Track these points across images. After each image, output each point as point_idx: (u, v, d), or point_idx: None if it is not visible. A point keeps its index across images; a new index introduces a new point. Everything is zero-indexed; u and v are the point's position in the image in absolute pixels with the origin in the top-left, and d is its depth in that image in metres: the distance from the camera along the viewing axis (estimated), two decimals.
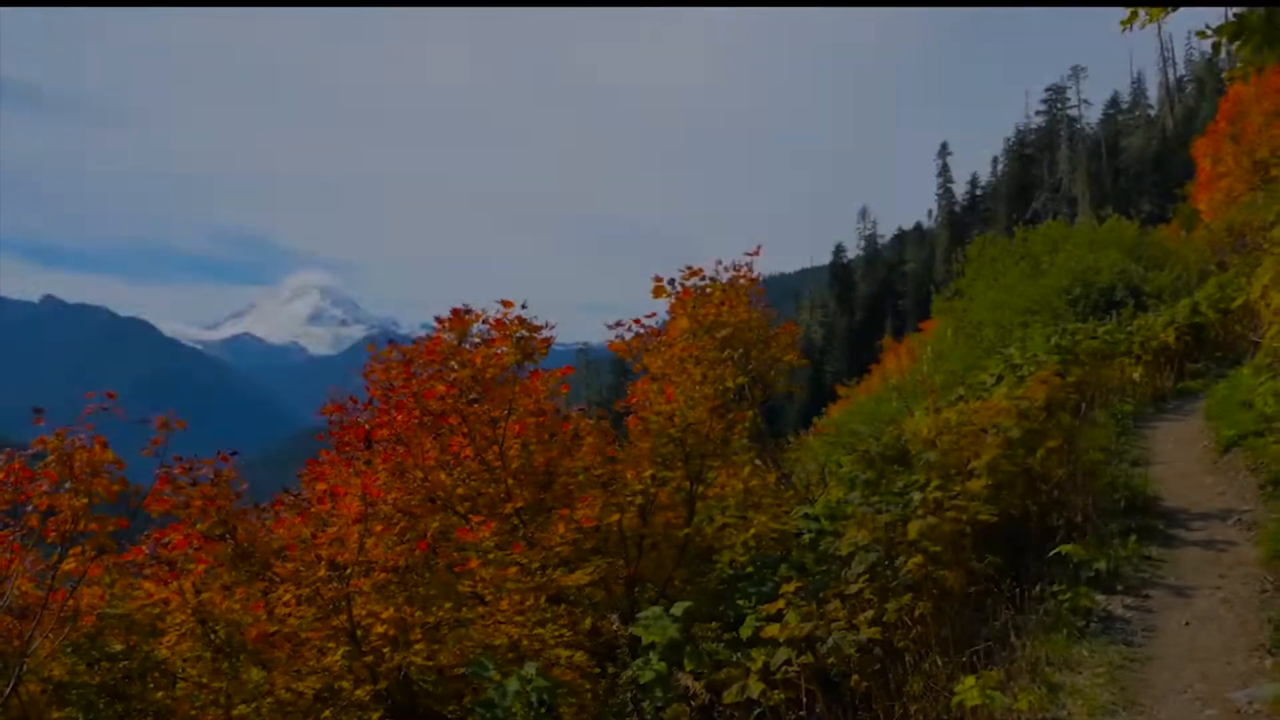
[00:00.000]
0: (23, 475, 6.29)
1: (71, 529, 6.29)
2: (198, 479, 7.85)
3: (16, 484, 6.29)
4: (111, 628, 7.18)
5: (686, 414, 8.66)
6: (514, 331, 8.84)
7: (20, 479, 6.29)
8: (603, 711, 7.10)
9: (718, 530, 9.14)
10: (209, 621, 7.14)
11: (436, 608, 7.53)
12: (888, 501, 7.85)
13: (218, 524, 7.86)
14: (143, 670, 7.20)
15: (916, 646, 6.31)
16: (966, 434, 8.51)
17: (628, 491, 8.30)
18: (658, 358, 11.28)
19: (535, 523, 8.51)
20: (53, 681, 6.85)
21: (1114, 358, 16.31)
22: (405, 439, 8.86)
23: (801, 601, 6.37)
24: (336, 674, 7.30)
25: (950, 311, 28.67)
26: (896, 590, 6.67)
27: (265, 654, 7.18)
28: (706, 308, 11.97)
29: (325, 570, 7.26)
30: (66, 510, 6.25)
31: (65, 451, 6.26)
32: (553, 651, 7.40)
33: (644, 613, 6.90)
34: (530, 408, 9.08)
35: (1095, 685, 5.82)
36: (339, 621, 7.26)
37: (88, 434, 6.36)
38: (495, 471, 8.73)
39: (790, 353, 12.80)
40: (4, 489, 6.28)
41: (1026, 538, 8.17)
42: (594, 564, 7.91)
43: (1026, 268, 25.36)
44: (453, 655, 7.42)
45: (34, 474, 6.29)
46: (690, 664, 6.38)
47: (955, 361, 23.83)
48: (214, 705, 7.09)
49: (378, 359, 9.45)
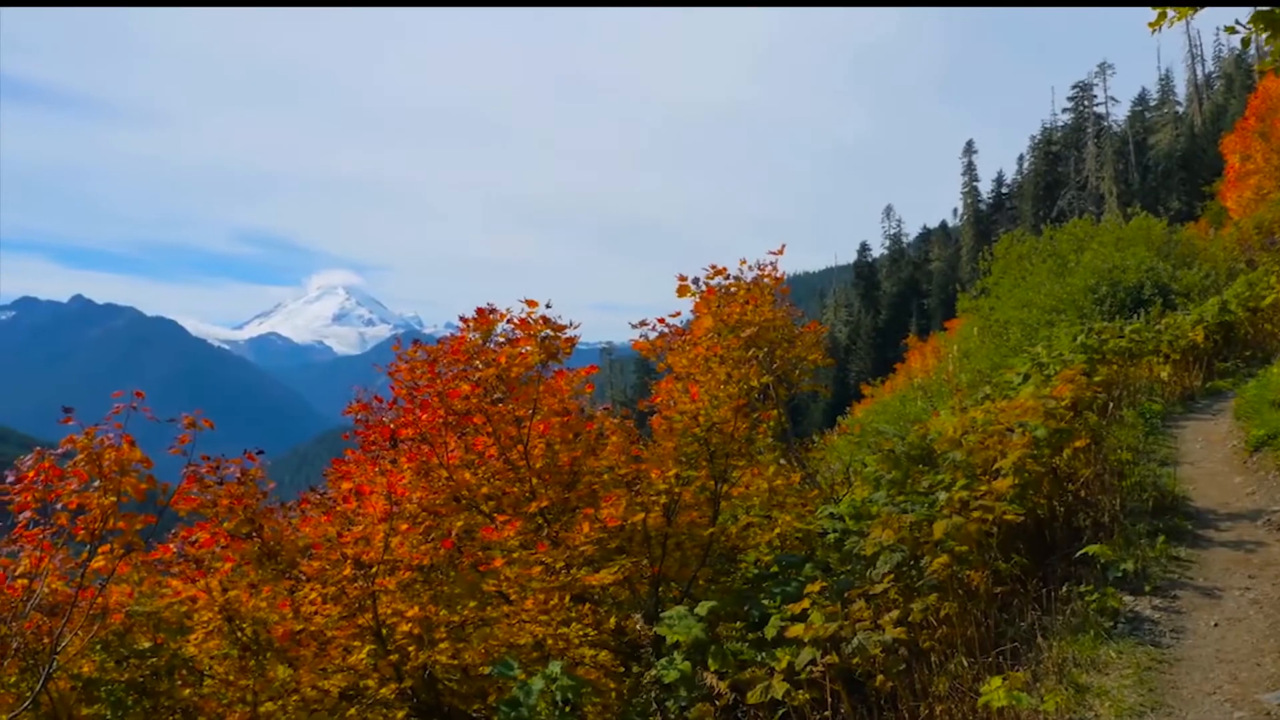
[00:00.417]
0: (52, 474, 6.35)
1: (100, 527, 6.34)
2: (225, 478, 7.90)
3: (46, 482, 6.34)
4: (140, 625, 7.23)
5: (711, 413, 8.65)
6: (538, 331, 8.86)
7: (50, 477, 6.34)
8: (627, 710, 7.10)
9: (742, 530, 9.13)
10: (236, 619, 7.18)
11: (461, 606, 7.55)
12: (913, 501, 7.81)
13: (244, 522, 7.91)
14: (170, 667, 7.25)
15: (942, 647, 6.28)
16: (992, 433, 8.46)
17: (652, 491, 8.30)
18: (682, 357, 11.29)
19: (560, 522, 8.53)
20: (82, 678, 6.91)
21: (1142, 357, 16.18)
22: (430, 438, 8.89)
23: (826, 601, 6.36)
24: (362, 672, 7.33)
25: (976, 310, 28.51)
26: (922, 590, 6.64)
27: (291, 652, 7.22)
28: (731, 307, 11.97)
29: (351, 569, 7.29)
30: (95, 508, 6.30)
31: (94, 450, 6.31)
32: (577, 650, 7.41)
33: (668, 612, 6.90)
34: (555, 407, 9.10)
35: (1123, 687, 5.78)
36: (364, 620, 7.29)
37: (116, 433, 6.41)
38: (520, 471, 8.75)
39: (815, 352, 12.78)
40: (34, 487, 6.34)
41: (1053, 538, 8.11)
42: (618, 563, 7.91)
43: (1053, 266, 25.19)
44: (477, 654, 7.44)
45: (63, 472, 6.34)
46: (714, 663, 6.38)
47: (981, 360, 23.71)
48: (240, 703, 7.13)
49: (403, 358, 9.49)
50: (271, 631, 7.19)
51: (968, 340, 27.56)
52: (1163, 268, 22.51)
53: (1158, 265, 22.61)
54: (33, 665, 6.53)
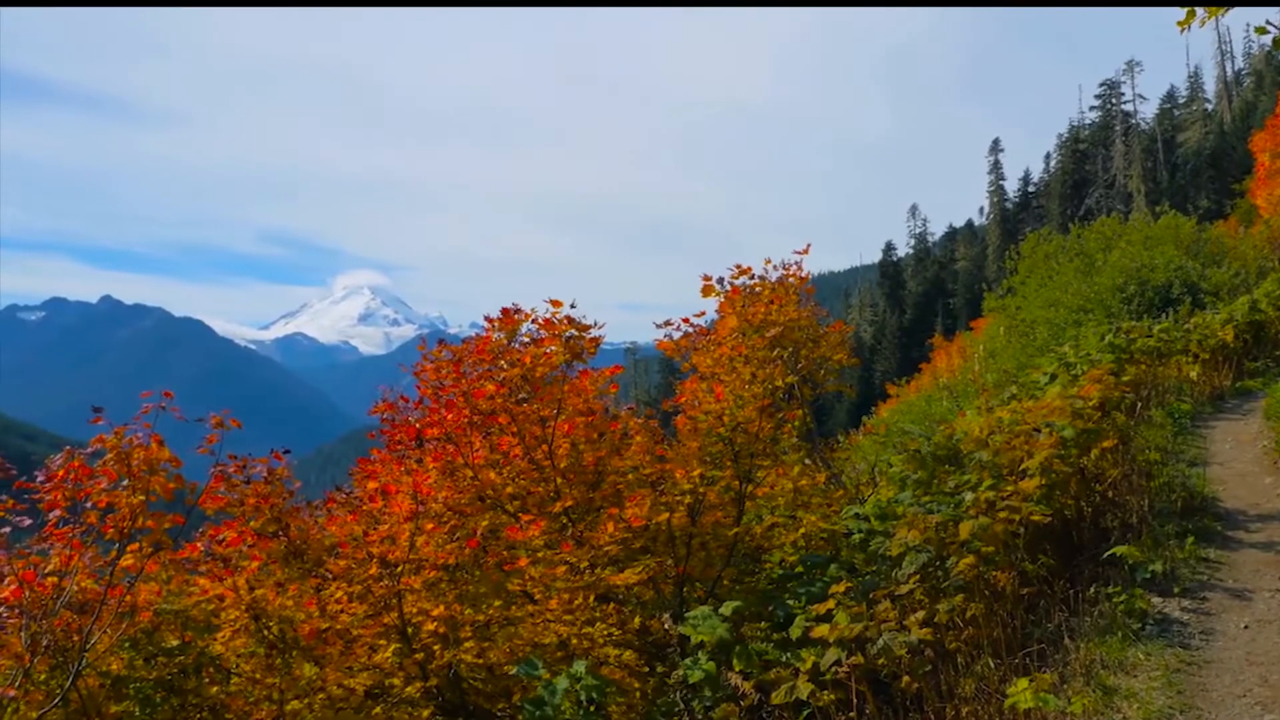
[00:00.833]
0: (82, 473, 6.40)
1: (129, 526, 6.39)
2: (252, 477, 7.95)
3: (76, 481, 6.40)
4: (168, 623, 7.28)
5: (735, 413, 8.64)
6: (563, 331, 8.87)
7: (80, 476, 6.40)
8: (651, 710, 7.10)
9: (767, 530, 9.12)
10: (262, 618, 7.22)
11: (486, 606, 7.57)
12: (939, 501, 7.78)
13: (271, 521, 7.95)
14: (198, 665, 7.30)
15: (968, 648, 6.25)
16: (1019, 434, 8.41)
17: (676, 491, 8.30)
18: (706, 357, 11.28)
19: (584, 522, 8.54)
20: (111, 676, 6.96)
21: (1170, 356, 16.05)
22: (455, 438, 8.92)
23: (851, 602, 6.33)
24: (387, 671, 7.36)
25: (1002, 310, 28.35)
26: (948, 591, 6.61)
27: (318, 650, 7.26)
28: (755, 307, 11.95)
29: (376, 568, 7.32)
30: (124, 507, 6.35)
31: (123, 450, 6.36)
32: (601, 650, 7.42)
33: (693, 612, 6.90)
34: (579, 407, 9.11)
35: (1151, 689, 5.73)
36: (390, 619, 7.32)
37: (145, 432, 6.46)
38: (544, 470, 8.76)
39: (840, 352, 12.75)
40: (64, 486, 6.40)
41: (1080, 539, 8.06)
42: (643, 563, 7.91)
43: (1080, 265, 25.02)
44: (502, 653, 7.46)
45: (93, 472, 6.40)
46: (739, 664, 6.37)
47: (1007, 360, 23.58)
48: (267, 701, 7.17)
49: (428, 358, 9.52)
50: (298, 630, 7.23)
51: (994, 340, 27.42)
52: (1192, 266, 22.32)
53: (1186, 264, 22.43)
54: (62, 662, 6.59)
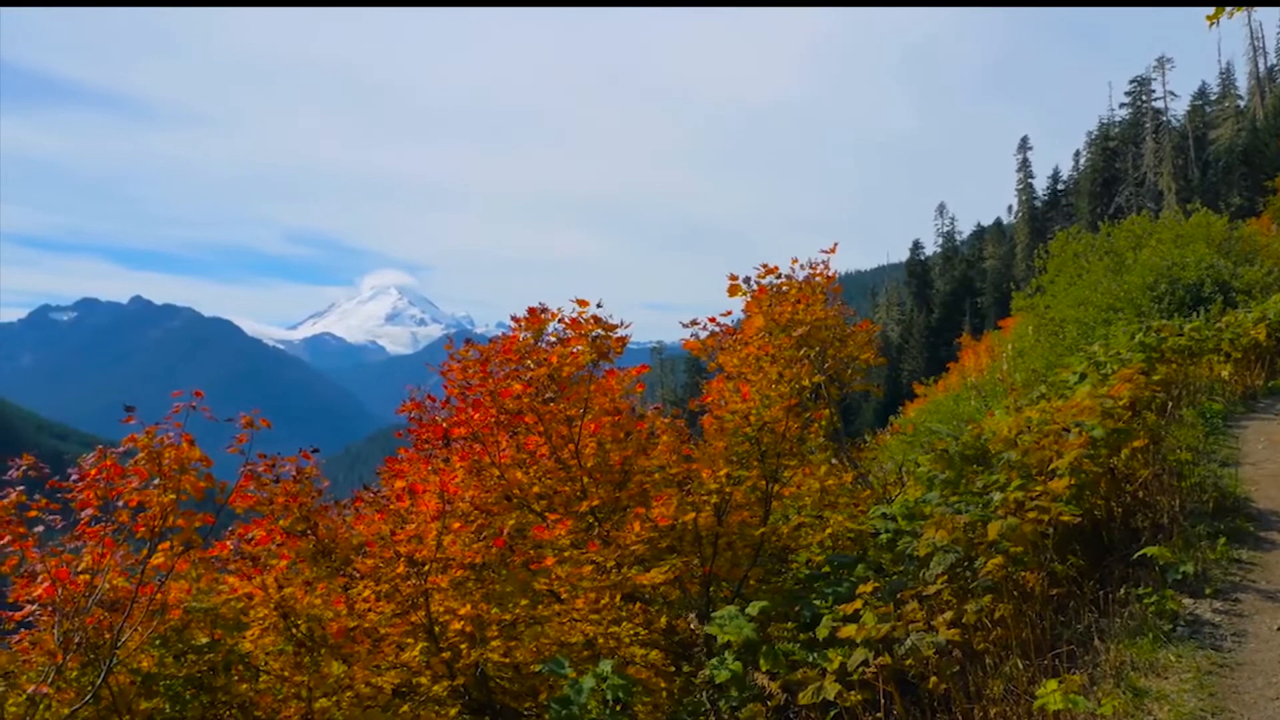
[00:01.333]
0: (114, 472, 6.46)
1: (160, 524, 6.45)
2: (280, 476, 7.99)
3: (108, 480, 6.46)
4: (197, 621, 7.33)
5: (762, 413, 8.63)
6: (589, 330, 8.88)
7: (112, 475, 6.46)
8: (677, 710, 7.10)
9: (793, 530, 9.10)
10: (291, 616, 7.26)
11: (513, 605, 7.59)
12: (967, 502, 7.74)
13: (300, 520, 8.00)
14: (227, 663, 7.35)
15: (996, 649, 6.22)
16: (1048, 433, 8.35)
17: (703, 490, 8.29)
18: (733, 356, 11.26)
19: (610, 521, 8.55)
20: (141, 673, 7.02)
21: (1202, 355, 15.89)
22: (482, 437, 8.95)
23: (878, 602, 6.31)
24: (415, 669, 7.40)
25: (1031, 309, 28.14)
26: (976, 592, 6.57)
27: (345, 649, 7.29)
28: (782, 306, 11.93)
29: (404, 567, 7.35)
30: (155, 506, 6.41)
31: (154, 449, 6.42)
32: (628, 650, 7.42)
33: (719, 612, 6.89)
34: (606, 406, 9.13)
35: (1183, 691, 5.68)
36: (417, 617, 7.35)
37: (176, 432, 6.51)
38: (571, 470, 8.78)
39: (867, 351, 12.72)
40: (96, 485, 6.46)
41: (1110, 539, 8.00)
42: (669, 563, 7.92)
43: (1110, 264, 24.81)
44: (529, 652, 7.47)
45: (125, 471, 6.46)
46: (765, 664, 6.36)
47: (1036, 359, 23.43)
48: (296, 698, 7.21)
49: (455, 357, 9.55)
50: (326, 628, 7.27)
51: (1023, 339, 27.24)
52: (1223, 265, 22.10)
53: (1218, 262, 22.21)
54: (94, 660, 6.65)
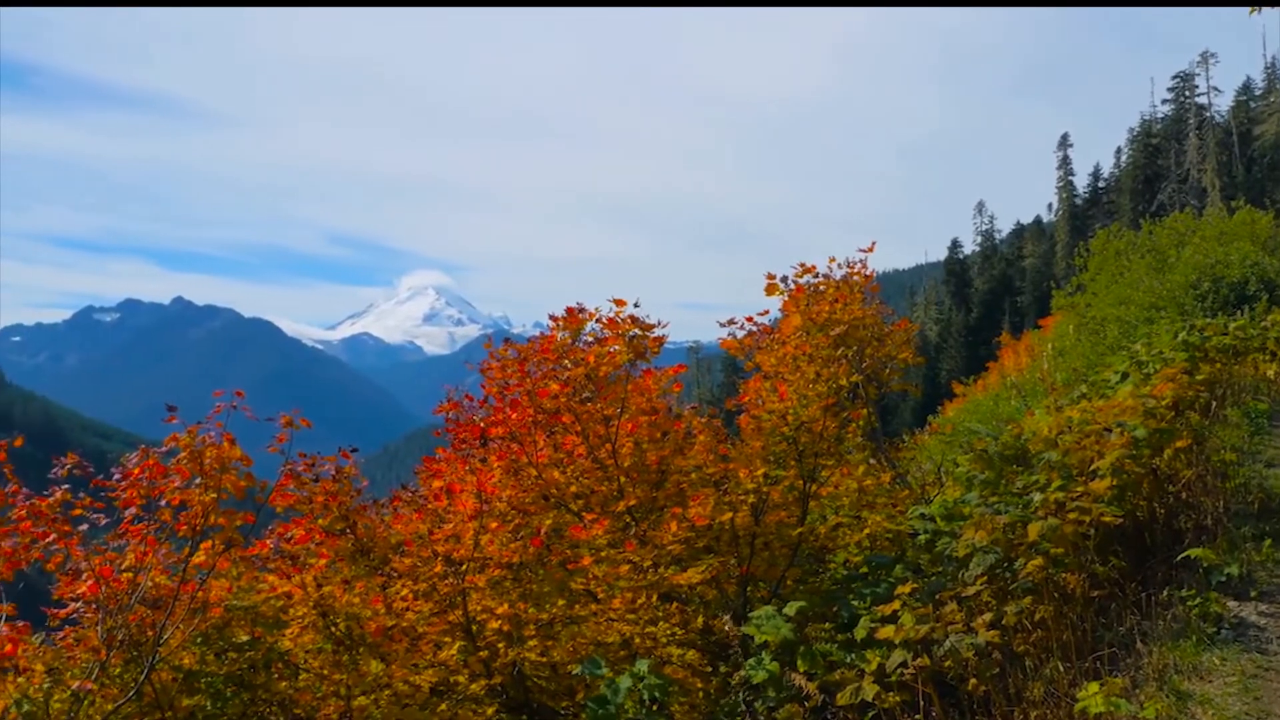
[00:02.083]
0: (157, 471, 6.54)
1: (202, 523, 6.51)
2: (320, 475, 8.05)
3: (151, 479, 6.53)
4: (238, 619, 7.40)
5: (800, 412, 8.59)
6: (626, 330, 8.88)
7: (154, 474, 6.53)
8: (714, 710, 7.09)
9: (831, 530, 9.06)
10: (330, 614, 7.31)
11: (550, 604, 7.60)
12: (1006, 502, 7.67)
13: (339, 519, 8.05)
14: (267, 661, 7.41)
15: (1037, 651, 6.15)
16: (1089, 433, 8.26)
17: (740, 490, 8.27)
18: (770, 355, 11.23)
19: (647, 521, 8.55)
20: (183, 670, 7.10)
21: (1246, 354, 15.66)
22: (520, 437, 8.97)
23: (917, 603, 6.27)
24: (452, 668, 7.43)
25: (1072, 307, 27.85)
26: (1016, 593, 6.51)
27: (384, 647, 7.33)
28: (820, 305, 11.88)
29: (441, 566, 7.39)
30: (197, 505, 6.47)
31: (196, 448, 6.48)
32: (664, 649, 7.42)
33: (756, 612, 6.87)
34: (643, 406, 9.12)
35: (1227, 695, 5.60)
36: (455, 616, 7.38)
37: (217, 431, 6.58)
38: (608, 469, 8.78)
39: (905, 350, 12.63)
40: (139, 484, 6.54)
41: (1153, 540, 7.90)
42: (706, 563, 7.90)
43: (1152, 262, 24.51)
44: (565, 652, 7.49)
45: (167, 470, 6.53)
46: (803, 664, 6.33)
47: (1077, 359, 23.19)
48: (334, 696, 7.26)
49: (494, 357, 9.58)
50: (364, 627, 7.31)
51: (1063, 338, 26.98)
52: (1269, 263, 21.77)
53: (1263, 260, 21.88)
54: (136, 657, 6.74)
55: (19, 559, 6.43)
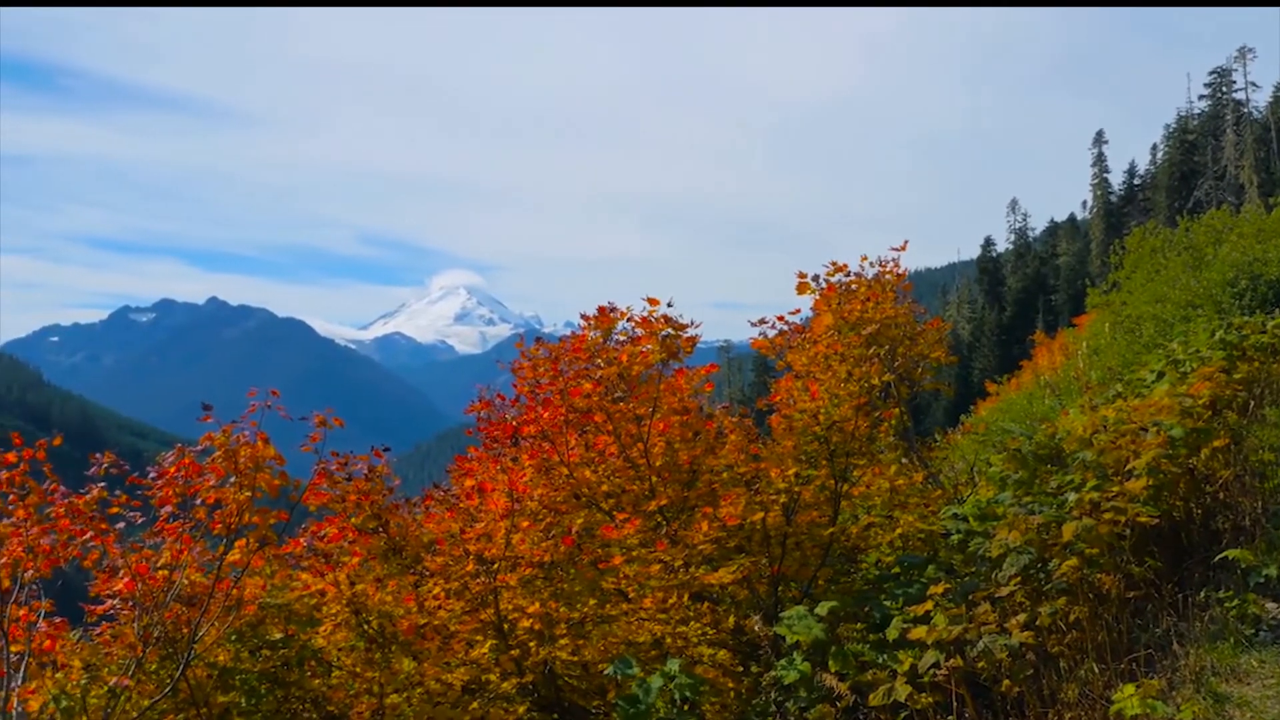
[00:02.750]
0: (192, 470, 6.60)
1: (236, 521, 6.57)
2: (352, 474, 8.09)
3: (186, 478, 6.60)
4: (272, 617, 7.46)
5: (831, 411, 8.56)
6: (659, 329, 8.88)
7: (190, 473, 6.60)
8: (746, 710, 7.07)
9: (863, 530, 9.02)
10: (363, 612, 7.35)
11: (581, 604, 7.61)
12: (1040, 502, 7.61)
13: (371, 518, 8.09)
14: (300, 658, 7.47)
15: (1071, 652, 6.10)
16: (1125, 433, 8.18)
17: (771, 490, 8.25)
18: (801, 355, 11.19)
19: (679, 520, 8.54)
20: (218, 667, 7.17)
21: None
22: (551, 436, 8.98)
23: (950, 603, 6.23)
24: (484, 666, 7.45)
25: (1107, 305, 27.54)
26: (1050, 594, 6.46)
27: (416, 645, 7.37)
28: (851, 304, 11.83)
29: (473, 565, 7.42)
30: (232, 503, 6.53)
31: (230, 447, 6.54)
32: (696, 649, 7.41)
33: (788, 612, 6.85)
34: (674, 405, 9.11)
35: (1265, 697, 5.53)
36: (486, 615, 7.41)
37: (251, 430, 6.63)
38: (640, 469, 8.78)
39: (937, 349, 12.56)
40: (175, 483, 6.60)
41: (1189, 541, 7.82)
42: (737, 562, 7.89)
43: (1188, 259, 24.22)
44: (597, 651, 7.49)
45: (202, 469, 6.59)
46: (835, 664, 6.31)
47: (1112, 358, 22.96)
48: (367, 694, 7.31)
49: (526, 356, 9.59)
50: (397, 625, 7.35)
51: (1098, 337, 26.73)
52: None
53: None
54: (172, 653, 6.81)
55: (57, 556, 6.50)
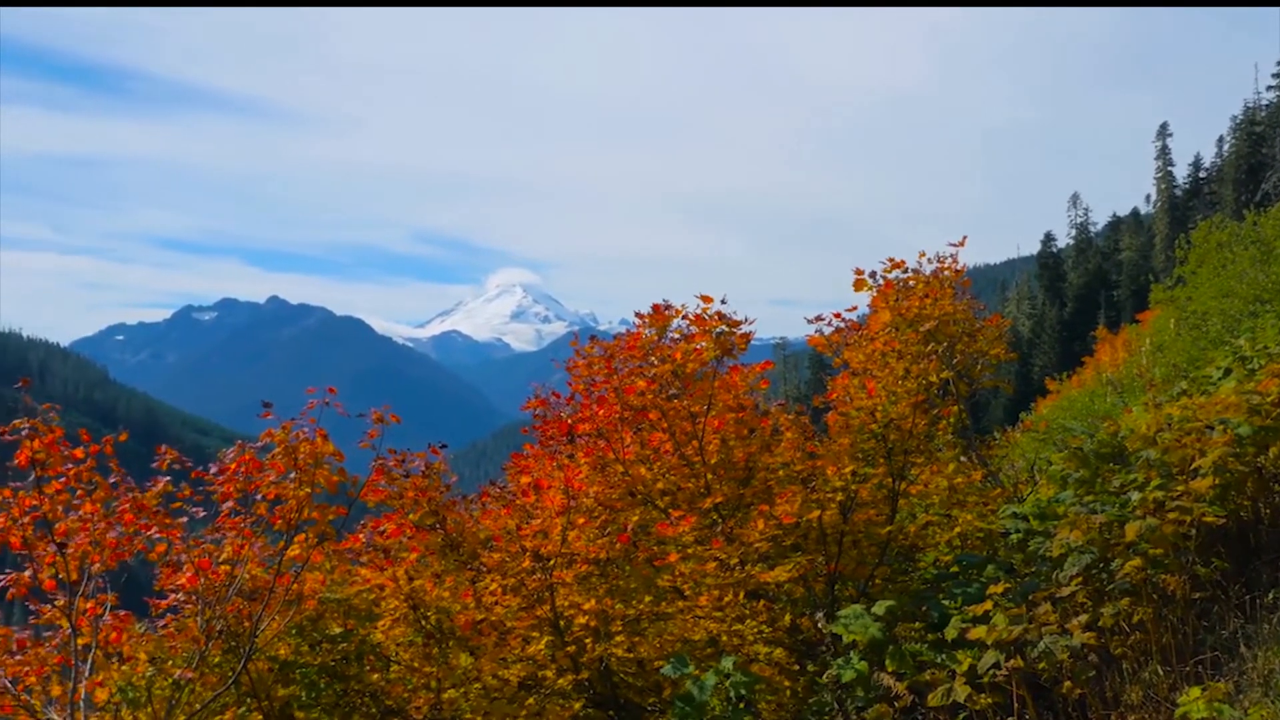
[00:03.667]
0: (253, 466, 6.70)
1: (296, 517, 6.66)
2: (410, 471, 8.16)
3: (247, 474, 6.70)
4: (331, 611, 7.56)
5: (889, 409, 8.49)
6: (713, 327, 8.85)
7: (250, 469, 6.70)
8: (802, 709, 7.04)
9: (921, 528, 8.94)
10: (420, 608, 7.41)
11: (636, 601, 7.62)
12: (1103, 501, 7.50)
13: (429, 514, 8.15)
14: (359, 653, 7.55)
15: (1134, 654, 6.01)
16: (1190, 430, 8.03)
17: (828, 488, 8.20)
18: (858, 352, 11.11)
19: (734, 518, 8.52)
20: (278, 661, 7.27)
21: None
22: (606, 433, 9.00)
23: (1009, 603, 6.16)
24: (540, 662, 7.48)
25: (1171, 301, 27.07)
26: (1113, 594, 6.36)
27: (473, 641, 7.42)
28: (909, 300, 11.72)
29: (530, 561, 7.45)
30: (291, 499, 6.62)
31: (290, 444, 6.63)
32: (751, 647, 7.38)
33: (844, 611, 6.81)
34: (729, 403, 9.09)
35: None
36: (542, 611, 7.44)
37: (310, 427, 6.72)
38: (695, 466, 8.77)
39: (997, 346, 12.41)
40: (236, 479, 6.71)
41: (1258, 541, 7.65)
42: (793, 560, 7.85)
43: (1256, 254, 23.72)
44: (652, 648, 7.50)
45: (262, 465, 6.69)
46: (892, 664, 6.26)
47: (1177, 354, 22.56)
48: (425, 689, 7.37)
49: (581, 354, 9.61)
50: (454, 620, 7.40)
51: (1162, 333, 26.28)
52: None
53: None
54: (234, 647, 6.92)
55: (123, 550, 6.62)
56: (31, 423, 6.19)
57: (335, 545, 7.77)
